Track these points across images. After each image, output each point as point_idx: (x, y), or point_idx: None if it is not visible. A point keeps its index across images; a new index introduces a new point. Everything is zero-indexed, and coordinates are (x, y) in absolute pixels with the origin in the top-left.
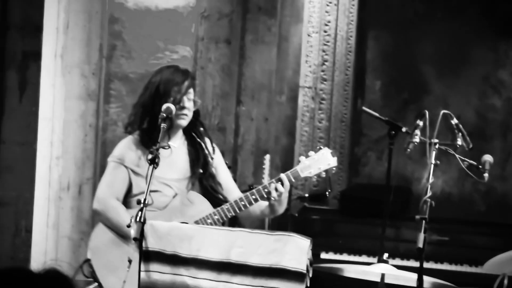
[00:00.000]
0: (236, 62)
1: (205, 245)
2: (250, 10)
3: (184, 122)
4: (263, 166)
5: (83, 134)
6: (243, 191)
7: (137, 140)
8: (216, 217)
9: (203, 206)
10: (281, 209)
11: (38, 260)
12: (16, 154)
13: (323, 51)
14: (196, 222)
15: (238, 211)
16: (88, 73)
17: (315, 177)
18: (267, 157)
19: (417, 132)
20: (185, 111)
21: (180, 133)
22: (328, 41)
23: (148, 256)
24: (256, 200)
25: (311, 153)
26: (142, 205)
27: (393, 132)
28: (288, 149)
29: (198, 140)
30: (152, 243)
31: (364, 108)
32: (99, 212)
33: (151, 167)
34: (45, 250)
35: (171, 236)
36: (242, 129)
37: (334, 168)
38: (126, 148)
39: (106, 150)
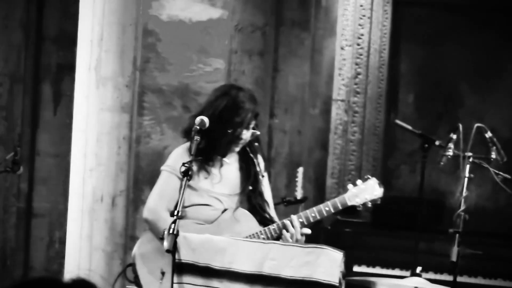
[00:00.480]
0: (269, 75)
1: (238, 258)
2: (283, 23)
3: (237, 148)
4: (296, 179)
5: (116, 146)
6: (275, 204)
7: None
8: (262, 236)
9: (250, 223)
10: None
11: (72, 271)
12: (50, 166)
13: (356, 64)
14: None
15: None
16: (122, 86)
17: (360, 206)
18: (300, 169)
19: (451, 145)
20: (241, 141)
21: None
22: (361, 54)
23: (181, 268)
24: (329, 213)
25: (359, 182)
26: (175, 217)
27: (426, 145)
28: (321, 162)
29: (251, 155)
30: (185, 255)
31: (397, 121)
32: (149, 222)
33: (184, 179)
34: (78, 261)
35: (204, 248)
36: (275, 142)
37: (380, 199)
38: (179, 158)
39: (139, 163)
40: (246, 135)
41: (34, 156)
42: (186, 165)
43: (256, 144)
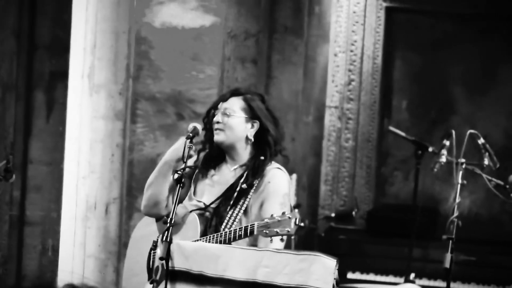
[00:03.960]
0: (262, 82)
1: (231, 265)
2: (276, 30)
3: (218, 137)
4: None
5: (110, 154)
6: None
7: None
8: None
9: (190, 232)
10: None
11: (65, 279)
12: (43, 174)
13: (350, 70)
14: None
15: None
16: (115, 93)
17: (271, 238)
18: (294, 176)
19: (444, 152)
20: (215, 125)
21: (240, 160)
22: (354, 61)
23: (174, 276)
24: (240, 237)
25: (279, 214)
26: (168, 224)
27: (420, 152)
28: (314, 169)
29: (243, 180)
30: (178, 263)
31: (390, 128)
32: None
33: (177, 187)
34: (71, 269)
35: (198, 256)
36: None
37: (293, 237)
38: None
39: (132, 170)
40: (216, 117)
41: (27, 164)
42: (179, 172)
43: (262, 158)
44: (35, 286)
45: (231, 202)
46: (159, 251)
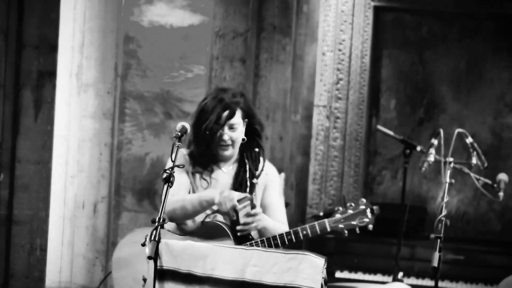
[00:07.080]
0: (251, 81)
1: (219, 264)
2: (265, 29)
3: (226, 152)
4: None
5: (98, 153)
6: None
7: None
8: None
9: (223, 240)
10: None
11: (53, 278)
12: (31, 173)
13: (338, 69)
14: None
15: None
16: (103, 92)
17: (345, 232)
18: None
19: (432, 151)
20: (223, 143)
21: (233, 159)
22: (342, 60)
23: (163, 275)
24: (283, 244)
25: (350, 206)
26: (156, 223)
27: (408, 151)
28: (303, 168)
29: (246, 161)
30: (167, 262)
31: (379, 126)
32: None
33: (166, 186)
34: (60, 268)
35: (186, 255)
36: None
37: (371, 226)
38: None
39: (121, 169)
40: (230, 135)
41: (14, 163)
42: (167, 171)
43: (257, 150)
44: (23, 285)
45: (242, 191)
46: (147, 250)
